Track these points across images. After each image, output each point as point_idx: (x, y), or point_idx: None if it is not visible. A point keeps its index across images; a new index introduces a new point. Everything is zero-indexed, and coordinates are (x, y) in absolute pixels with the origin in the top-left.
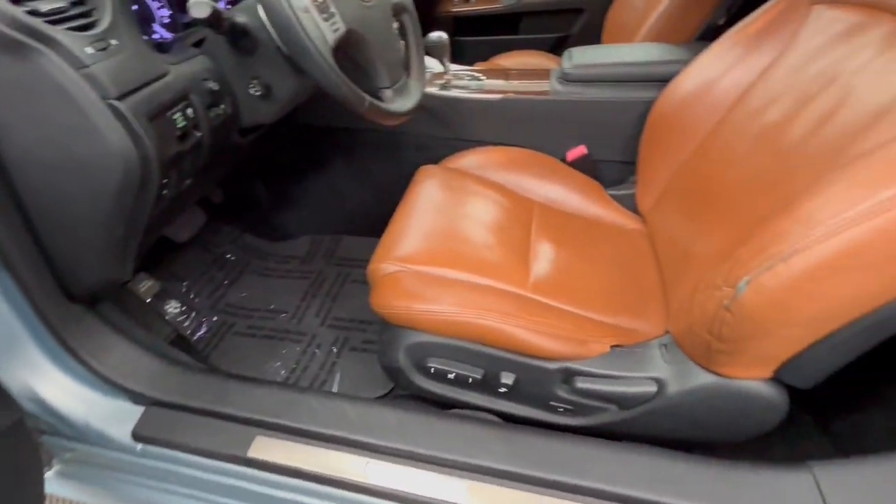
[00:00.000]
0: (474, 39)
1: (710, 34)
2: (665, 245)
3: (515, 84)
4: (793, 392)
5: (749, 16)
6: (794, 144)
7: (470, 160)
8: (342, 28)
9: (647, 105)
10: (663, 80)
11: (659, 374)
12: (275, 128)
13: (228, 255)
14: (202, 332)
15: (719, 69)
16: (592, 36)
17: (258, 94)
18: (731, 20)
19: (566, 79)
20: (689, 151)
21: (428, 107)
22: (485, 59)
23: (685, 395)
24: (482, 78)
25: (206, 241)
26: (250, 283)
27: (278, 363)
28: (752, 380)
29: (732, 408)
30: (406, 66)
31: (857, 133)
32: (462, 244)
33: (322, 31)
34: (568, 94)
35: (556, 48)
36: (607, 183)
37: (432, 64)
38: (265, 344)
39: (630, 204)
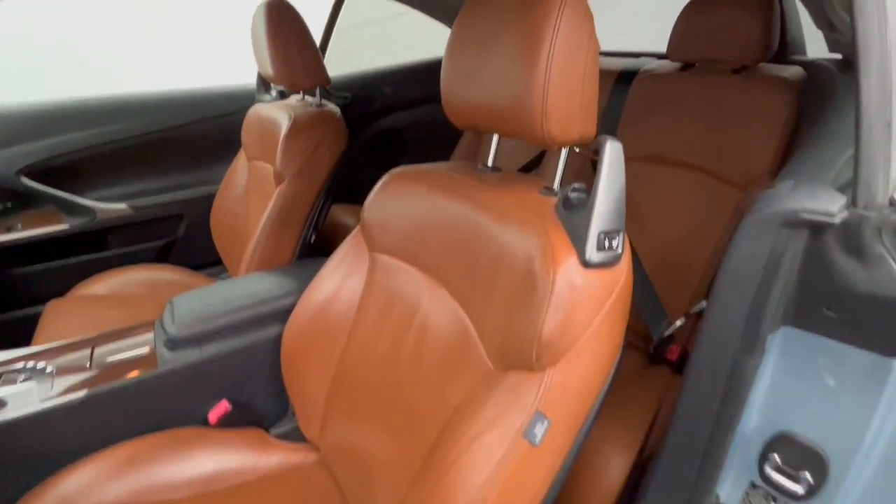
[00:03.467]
0: (43, 267)
1: (306, 250)
2: (344, 469)
3: (104, 359)
4: None
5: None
6: (406, 377)
7: (65, 488)
8: None
9: (277, 340)
10: (283, 313)
11: None
12: None
13: None
14: None
15: (331, 288)
16: (201, 237)
17: None
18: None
19: (174, 343)
20: (332, 372)
21: None
22: (62, 292)
23: None
24: (48, 368)
25: None
26: None
27: None
28: None
29: None
30: None
31: (445, 379)
32: None
33: None
34: (181, 358)
35: (164, 255)
36: (269, 421)
37: None
38: None
39: (299, 434)
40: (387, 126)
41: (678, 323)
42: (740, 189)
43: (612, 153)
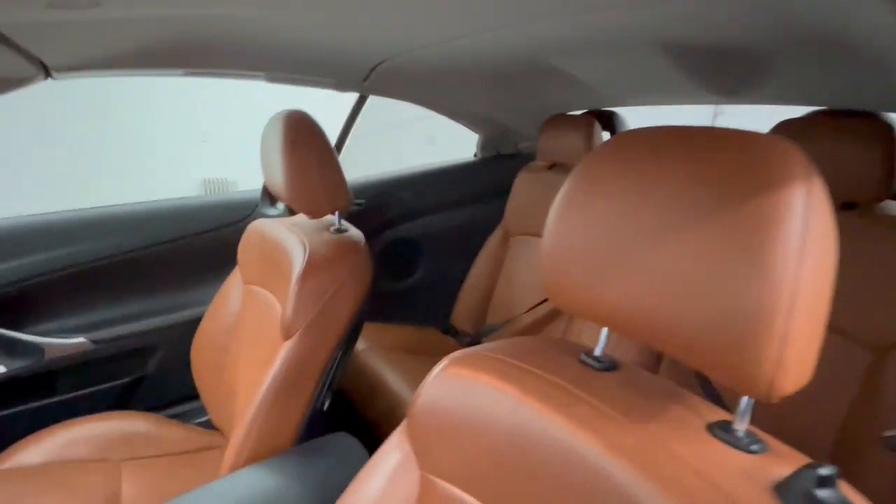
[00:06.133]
0: None
1: (316, 419)
2: None
3: None
4: None
5: None
6: None
7: None
8: None
9: None
10: None
11: None
12: None
13: None
14: None
15: None
16: (179, 370)
17: None
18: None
19: None
20: None
21: None
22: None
23: None
24: None
25: None
26: None
27: None
28: None
29: None
30: None
31: None
32: None
33: None
34: None
35: (129, 396)
36: None
37: None
38: None
39: None
40: (401, 234)
41: None
42: (874, 352)
43: None
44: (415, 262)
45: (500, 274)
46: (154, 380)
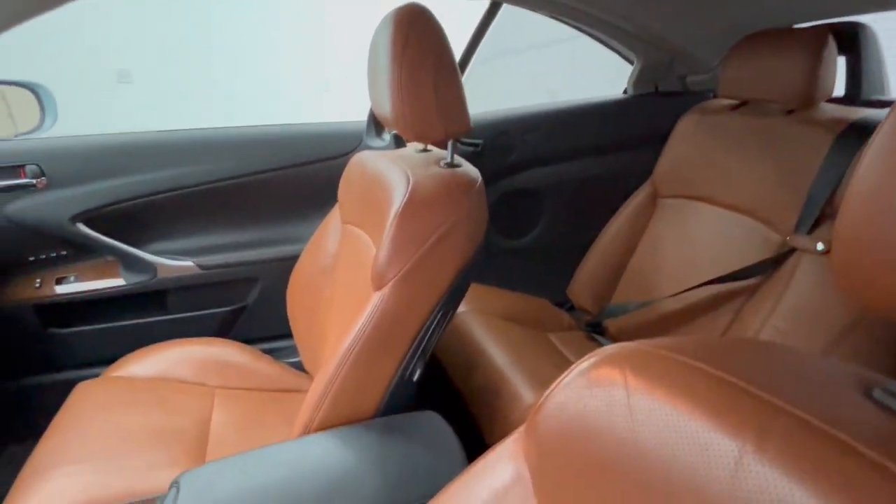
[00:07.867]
0: (91, 329)
1: (403, 391)
2: None
3: None
4: None
5: None
6: None
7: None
8: None
9: None
10: None
11: None
12: None
13: None
14: None
15: None
16: (276, 306)
17: None
18: None
19: None
20: None
21: None
22: (106, 359)
23: None
24: None
25: None
26: None
27: None
28: None
29: None
30: None
31: None
32: None
33: None
34: None
35: (229, 325)
36: None
37: None
38: None
39: None
40: (521, 184)
41: None
42: None
43: None
44: (533, 219)
45: (640, 243)
46: (253, 312)
